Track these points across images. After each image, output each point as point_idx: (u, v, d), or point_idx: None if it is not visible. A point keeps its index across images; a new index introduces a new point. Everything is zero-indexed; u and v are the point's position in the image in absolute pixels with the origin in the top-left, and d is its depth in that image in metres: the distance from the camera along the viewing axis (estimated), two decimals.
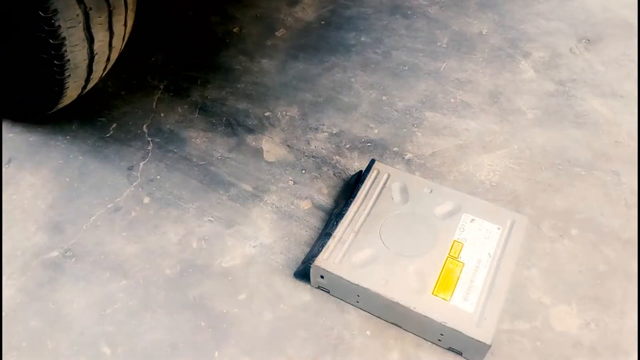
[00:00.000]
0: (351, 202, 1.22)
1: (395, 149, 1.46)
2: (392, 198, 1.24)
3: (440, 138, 1.49)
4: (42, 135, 1.48)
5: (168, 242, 1.26)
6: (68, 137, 1.48)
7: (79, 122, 1.52)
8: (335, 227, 1.18)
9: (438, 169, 1.41)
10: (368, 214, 1.21)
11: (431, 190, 1.25)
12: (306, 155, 1.45)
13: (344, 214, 1.20)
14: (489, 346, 1.01)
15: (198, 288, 1.18)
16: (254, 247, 1.25)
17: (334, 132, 1.50)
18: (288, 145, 1.47)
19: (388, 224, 1.20)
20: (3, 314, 1.13)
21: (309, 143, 1.48)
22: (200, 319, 1.13)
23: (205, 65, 1.70)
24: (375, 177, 1.28)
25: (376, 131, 1.51)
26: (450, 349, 1.08)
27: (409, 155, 1.45)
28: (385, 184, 1.27)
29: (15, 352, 1.08)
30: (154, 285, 1.18)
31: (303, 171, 1.41)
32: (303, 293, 1.17)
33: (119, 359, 1.07)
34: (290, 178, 1.39)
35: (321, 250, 1.14)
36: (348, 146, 1.47)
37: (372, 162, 1.31)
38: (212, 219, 1.30)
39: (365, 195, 1.24)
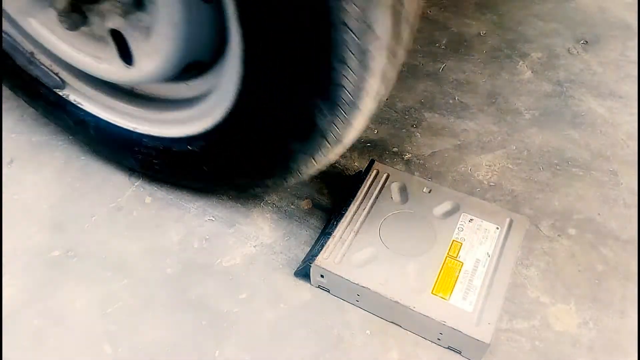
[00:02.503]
0: (351, 201, 1.23)
1: (395, 149, 1.47)
2: (392, 198, 1.25)
3: (439, 138, 1.50)
4: (44, 136, 1.49)
5: (169, 241, 1.27)
6: (70, 137, 1.48)
7: None
8: (335, 227, 1.19)
9: (437, 169, 1.42)
10: (367, 214, 1.22)
11: (430, 190, 1.26)
12: None
13: (344, 214, 1.21)
14: (488, 345, 1.02)
15: (199, 287, 1.19)
16: (254, 246, 1.26)
17: None
18: None
19: (387, 223, 1.20)
20: (4, 313, 1.14)
21: None
22: (202, 318, 1.14)
23: None
24: (375, 177, 1.29)
25: (376, 131, 1.51)
26: (449, 348, 1.09)
27: (408, 156, 1.45)
28: (384, 184, 1.28)
29: (17, 352, 1.09)
30: (155, 284, 1.19)
31: None
32: (303, 292, 1.18)
33: (120, 358, 1.08)
34: None
35: (321, 250, 1.15)
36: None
37: (372, 162, 1.32)
38: (213, 219, 1.31)
39: (365, 195, 1.25)
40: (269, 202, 1.35)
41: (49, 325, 1.13)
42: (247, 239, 1.27)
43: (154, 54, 0.98)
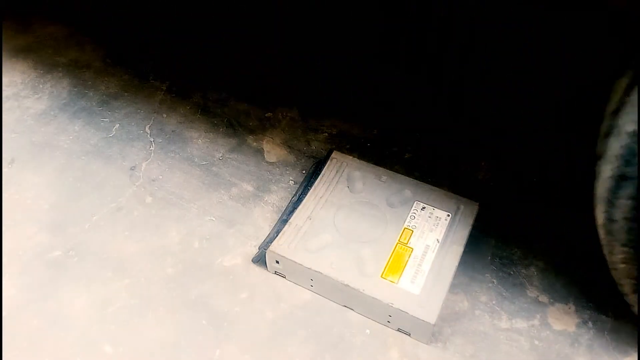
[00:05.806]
0: (308, 190, 1.27)
1: (395, 149, 1.47)
2: (348, 186, 1.29)
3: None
4: (45, 136, 1.49)
5: (170, 241, 1.27)
6: (71, 137, 1.49)
7: (82, 123, 1.53)
8: (292, 214, 1.22)
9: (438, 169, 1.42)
10: (324, 202, 1.25)
11: (386, 179, 1.30)
12: (306, 156, 1.46)
13: (301, 201, 1.25)
14: (433, 325, 1.05)
15: (199, 287, 1.19)
16: (255, 246, 1.26)
17: (334, 132, 1.51)
18: (288, 146, 1.48)
19: (342, 211, 1.24)
20: (4, 313, 1.14)
21: (309, 144, 1.49)
22: (202, 317, 1.14)
23: (207, 67, 1.71)
24: (333, 166, 1.33)
25: (375, 132, 1.52)
26: (399, 330, 1.12)
27: (408, 156, 1.46)
28: (342, 172, 1.31)
29: (17, 352, 1.09)
30: (155, 284, 1.19)
31: (303, 171, 1.42)
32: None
33: (120, 358, 1.08)
34: (290, 178, 1.40)
35: (276, 236, 1.19)
36: (348, 147, 1.48)
37: (331, 151, 1.36)
38: (214, 219, 1.31)
39: (322, 183, 1.29)
40: (270, 202, 1.35)
41: (49, 325, 1.13)
42: (248, 239, 1.27)
43: None
